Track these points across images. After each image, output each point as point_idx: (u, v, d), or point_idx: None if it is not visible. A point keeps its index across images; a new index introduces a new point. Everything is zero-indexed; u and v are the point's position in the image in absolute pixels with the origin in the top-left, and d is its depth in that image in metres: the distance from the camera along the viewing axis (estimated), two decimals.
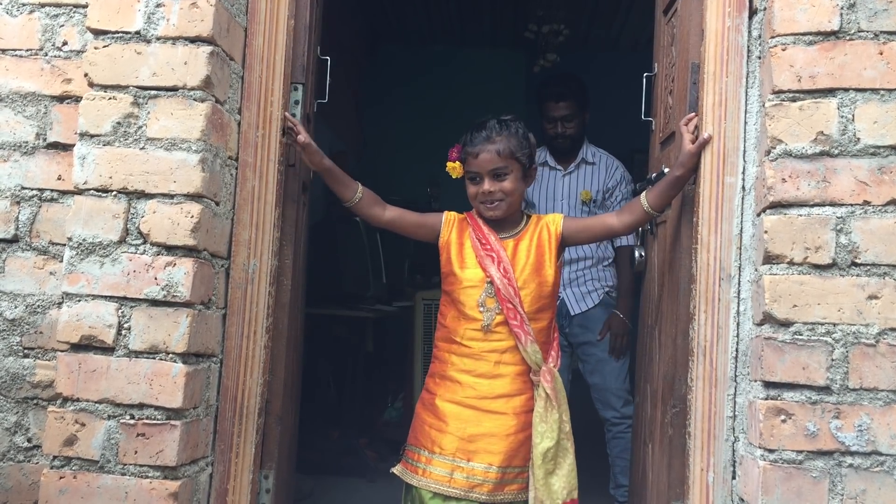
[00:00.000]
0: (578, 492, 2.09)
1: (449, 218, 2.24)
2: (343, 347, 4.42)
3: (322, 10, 2.52)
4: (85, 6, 2.16)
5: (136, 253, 1.99)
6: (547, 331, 2.16)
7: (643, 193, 2.19)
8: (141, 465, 1.94)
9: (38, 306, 2.17)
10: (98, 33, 2.04)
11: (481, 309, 2.10)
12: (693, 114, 2.11)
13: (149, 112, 2.01)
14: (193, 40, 2.01)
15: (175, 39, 2.01)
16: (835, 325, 1.82)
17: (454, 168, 2.21)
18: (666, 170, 2.27)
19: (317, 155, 2.23)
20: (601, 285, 3.35)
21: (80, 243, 1.99)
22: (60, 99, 2.21)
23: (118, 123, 2.01)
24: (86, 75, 2.04)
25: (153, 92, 2.01)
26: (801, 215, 1.85)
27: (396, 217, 2.27)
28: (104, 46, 2.03)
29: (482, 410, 2.07)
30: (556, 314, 2.22)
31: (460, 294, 2.13)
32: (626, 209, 2.24)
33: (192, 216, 1.98)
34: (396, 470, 2.13)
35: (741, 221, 2.02)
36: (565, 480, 2.06)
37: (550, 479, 2.04)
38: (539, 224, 2.20)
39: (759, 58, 2.02)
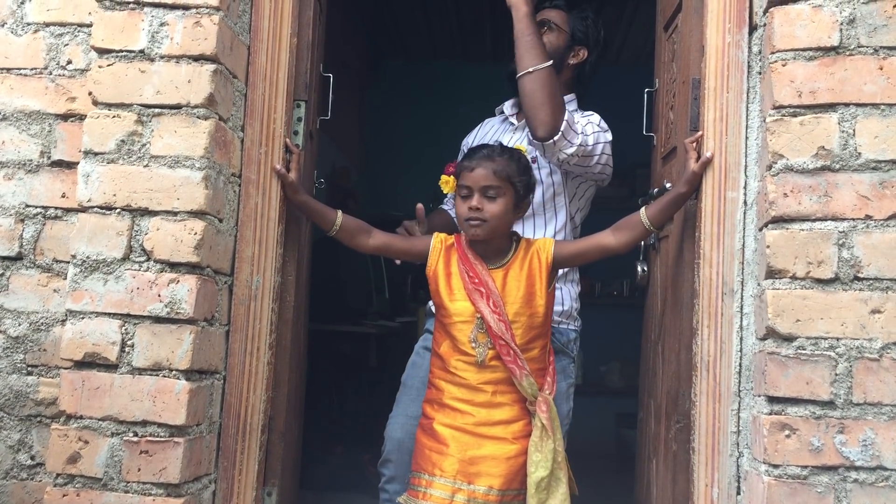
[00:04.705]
0: None
1: (436, 245, 2.18)
2: (346, 363, 4.42)
3: (324, 28, 2.53)
4: (89, 25, 2.18)
5: (139, 270, 1.99)
6: (541, 358, 2.11)
7: (643, 209, 2.15)
8: (144, 483, 1.93)
9: (42, 324, 2.18)
10: (102, 52, 2.05)
11: (473, 344, 2.06)
12: (700, 133, 2.09)
13: (152, 130, 2.02)
14: (197, 58, 2.02)
15: (179, 58, 2.03)
16: (838, 339, 1.82)
17: (447, 182, 2.13)
18: (668, 185, 2.27)
19: (297, 192, 2.21)
20: None
21: (84, 261, 2.00)
22: (65, 117, 2.22)
23: (122, 141, 2.02)
24: (90, 94, 2.05)
25: (157, 110, 2.02)
26: (803, 230, 1.85)
27: (383, 245, 2.24)
28: (108, 65, 2.04)
29: (482, 436, 2.04)
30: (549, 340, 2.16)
31: (451, 328, 2.09)
32: (624, 226, 2.16)
33: (196, 233, 1.98)
34: (402, 499, 2.09)
35: (743, 236, 2.02)
36: None
37: None
38: (529, 250, 2.14)
39: (760, 73, 2.03)
